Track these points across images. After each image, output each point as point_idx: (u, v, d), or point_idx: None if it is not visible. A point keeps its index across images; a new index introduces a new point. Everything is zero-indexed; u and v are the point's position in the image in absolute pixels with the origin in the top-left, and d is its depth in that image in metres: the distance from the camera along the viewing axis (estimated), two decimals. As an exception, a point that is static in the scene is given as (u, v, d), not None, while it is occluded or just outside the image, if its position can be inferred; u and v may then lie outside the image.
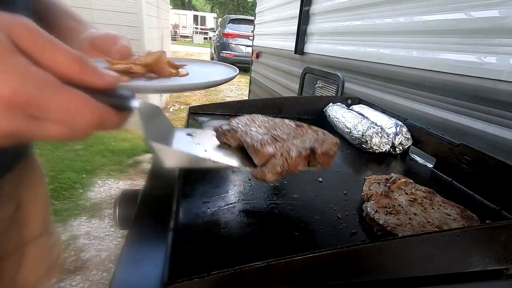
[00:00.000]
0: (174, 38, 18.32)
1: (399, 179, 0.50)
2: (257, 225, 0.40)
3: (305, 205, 0.46)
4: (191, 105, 0.84)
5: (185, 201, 0.43)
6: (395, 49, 1.07)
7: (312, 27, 1.85)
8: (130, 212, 0.53)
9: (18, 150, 0.53)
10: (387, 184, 0.49)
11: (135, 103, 0.31)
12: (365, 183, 0.51)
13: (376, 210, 0.42)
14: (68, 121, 0.25)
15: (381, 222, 0.40)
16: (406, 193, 0.47)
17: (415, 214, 0.42)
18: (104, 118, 0.27)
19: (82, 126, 0.26)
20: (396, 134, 0.69)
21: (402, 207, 0.43)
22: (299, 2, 1.91)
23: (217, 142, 0.40)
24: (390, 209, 0.42)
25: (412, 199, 0.45)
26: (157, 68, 0.48)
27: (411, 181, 0.51)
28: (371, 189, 0.48)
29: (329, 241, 0.38)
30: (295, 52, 1.98)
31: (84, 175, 2.44)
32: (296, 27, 1.94)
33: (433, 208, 0.44)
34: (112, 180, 2.45)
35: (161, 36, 4.68)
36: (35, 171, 0.60)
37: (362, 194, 0.49)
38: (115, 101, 0.28)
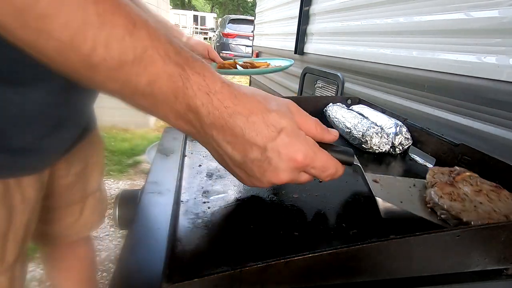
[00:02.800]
0: (174, 38, 18.22)
1: (464, 172, 0.49)
2: (257, 225, 0.40)
3: (305, 205, 0.46)
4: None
5: (185, 201, 0.43)
6: (395, 49, 1.07)
7: (312, 27, 1.85)
8: (130, 212, 0.53)
9: (88, 126, 0.71)
10: (451, 175, 0.48)
11: (355, 160, 0.42)
12: (429, 172, 0.50)
13: (441, 196, 0.41)
14: (320, 174, 0.37)
15: (445, 206, 0.39)
16: (471, 185, 0.46)
17: (480, 203, 0.41)
18: (338, 170, 0.39)
19: (326, 177, 0.38)
20: (396, 134, 0.69)
21: (467, 196, 0.42)
22: (299, 2, 1.91)
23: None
24: (455, 197, 0.42)
25: (477, 190, 0.44)
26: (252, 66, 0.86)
27: (476, 175, 0.49)
28: (435, 178, 0.47)
29: (329, 241, 0.38)
30: (295, 52, 1.98)
31: (84, 175, 2.44)
32: (296, 27, 1.94)
33: (500, 200, 0.42)
34: (112, 180, 2.45)
35: (161, 36, 4.67)
36: (98, 141, 0.79)
37: (425, 181, 0.48)
38: (342, 157, 0.40)
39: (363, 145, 0.69)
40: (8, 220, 0.53)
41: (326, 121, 0.87)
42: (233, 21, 8.80)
